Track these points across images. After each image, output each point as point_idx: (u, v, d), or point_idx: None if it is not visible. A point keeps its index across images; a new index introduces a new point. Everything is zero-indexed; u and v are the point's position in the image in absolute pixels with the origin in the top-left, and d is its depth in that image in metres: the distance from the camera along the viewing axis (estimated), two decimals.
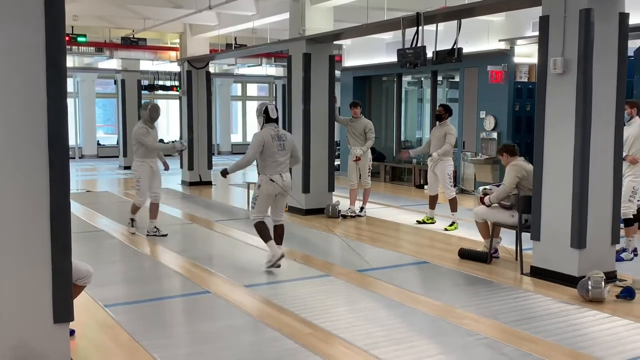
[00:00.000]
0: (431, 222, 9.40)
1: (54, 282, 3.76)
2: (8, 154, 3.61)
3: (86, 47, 15.57)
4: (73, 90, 21.95)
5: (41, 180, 3.68)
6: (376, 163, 13.83)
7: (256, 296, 5.79)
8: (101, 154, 22.68)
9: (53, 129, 3.68)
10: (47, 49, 3.62)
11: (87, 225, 9.46)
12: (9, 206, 3.63)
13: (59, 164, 3.72)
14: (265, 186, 6.53)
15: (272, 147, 6.47)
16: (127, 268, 7.24)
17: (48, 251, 3.73)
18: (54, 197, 3.71)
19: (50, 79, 3.64)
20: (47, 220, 3.71)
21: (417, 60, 8.00)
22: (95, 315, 5.24)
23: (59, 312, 3.80)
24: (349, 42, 15.81)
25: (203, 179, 14.58)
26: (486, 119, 12.24)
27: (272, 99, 25.37)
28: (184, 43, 15.02)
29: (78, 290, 4.47)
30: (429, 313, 5.31)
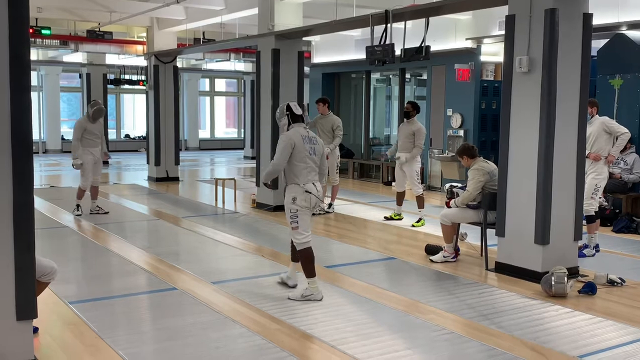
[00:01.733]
0: (398, 218, 9.47)
1: (16, 279, 3.71)
2: None
3: (50, 40, 15.27)
4: (37, 84, 21.55)
5: (4, 176, 3.62)
6: (345, 160, 13.90)
7: (224, 293, 5.78)
8: (65, 148, 22.28)
9: (16, 124, 3.62)
10: (10, 41, 3.56)
11: (51, 221, 9.30)
12: None
13: (23, 159, 3.66)
14: (301, 198, 5.39)
15: (303, 151, 5.41)
16: (92, 264, 7.14)
17: (11, 247, 3.67)
18: (17, 193, 3.65)
19: (14, 73, 3.58)
20: (9, 216, 3.65)
21: (385, 58, 8.05)
22: (59, 312, 5.17)
23: (22, 309, 3.75)
24: (318, 39, 15.82)
25: (170, 174, 14.45)
26: (453, 116, 12.37)
27: (241, 95, 25.25)
28: (151, 37, 14.85)
29: (42, 287, 4.41)
30: (396, 308, 5.36)
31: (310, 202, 5.43)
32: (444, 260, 6.90)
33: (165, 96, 14.30)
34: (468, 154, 6.93)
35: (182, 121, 21.71)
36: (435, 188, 12.75)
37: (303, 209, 5.41)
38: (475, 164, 6.85)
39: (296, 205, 5.39)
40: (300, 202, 5.39)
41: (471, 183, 6.73)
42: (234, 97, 27.00)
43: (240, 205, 11.05)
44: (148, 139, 14.82)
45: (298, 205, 5.39)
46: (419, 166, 9.29)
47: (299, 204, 5.39)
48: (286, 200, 5.46)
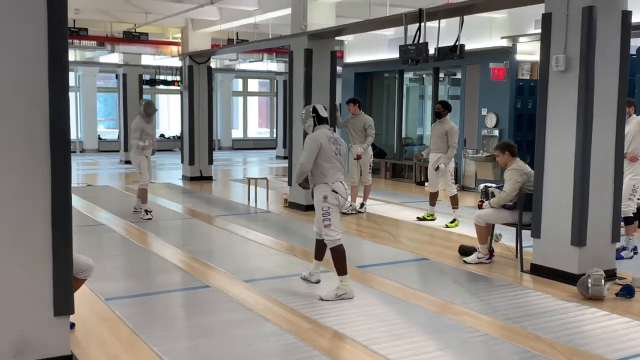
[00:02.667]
0: (431, 218, 9.41)
1: (54, 275, 3.78)
2: (10, 147, 3.62)
3: (88, 41, 15.56)
4: (74, 85, 21.95)
5: (43, 174, 3.70)
6: (377, 160, 13.84)
7: (256, 291, 5.81)
8: (102, 148, 22.70)
9: (55, 123, 3.69)
10: (49, 42, 3.63)
11: (88, 219, 9.48)
12: (10, 200, 3.64)
13: (61, 157, 3.73)
14: (332, 197, 5.51)
15: (329, 151, 5.52)
16: (127, 262, 7.26)
17: (49, 244, 3.75)
18: (56, 191, 3.73)
19: (52, 73, 3.66)
20: (48, 214, 3.72)
21: (419, 57, 7.99)
22: (95, 309, 5.26)
23: (60, 305, 3.82)
24: (350, 38, 15.79)
25: (204, 174, 14.59)
26: (488, 116, 12.23)
27: (274, 95, 25.36)
28: (185, 38, 15.01)
29: (78, 284, 4.49)
30: (428, 309, 5.33)
31: (339, 201, 5.56)
32: (478, 261, 6.83)
33: (200, 96, 14.44)
34: (510, 150, 6.83)
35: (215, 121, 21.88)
36: (469, 188, 12.63)
37: (334, 207, 5.53)
38: (513, 163, 6.76)
39: (327, 203, 5.51)
40: (331, 200, 5.52)
41: (509, 184, 6.64)
42: (267, 97, 27.12)
43: (272, 204, 11.10)
44: (182, 139, 14.99)
45: (329, 203, 5.51)
46: (452, 166, 9.21)
47: (330, 202, 5.51)
48: (316, 199, 5.58)
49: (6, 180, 3.62)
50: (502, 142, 7.04)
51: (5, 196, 3.62)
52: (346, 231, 8.76)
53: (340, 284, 5.56)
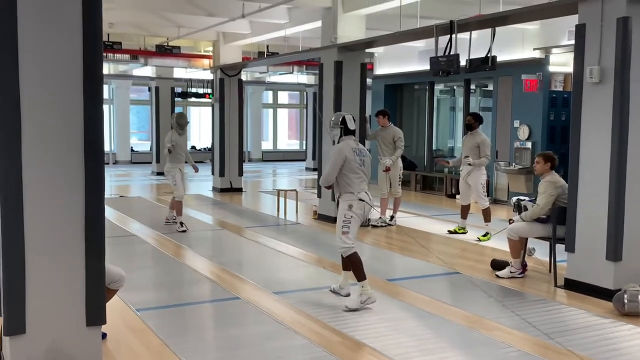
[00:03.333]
0: (463, 232, 9.31)
1: (87, 286, 3.82)
2: (45, 159, 3.68)
3: (121, 55, 15.84)
4: (108, 97, 22.33)
5: (77, 185, 3.76)
6: (407, 172, 13.77)
7: (285, 303, 5.81)
8: (135, 160, 23.00)
9: (89, 135, 3.75)
10: (84, 55, 3.70)
11: (120, 230, 9.60)
12: (45, 210, 3.70)
13: (94, 169, 3.79)
14: (357, 206, 5.65)
15: (354, 162, 5.65)
16: (158, 273, 7.32)
17: (82, 255, 3.79)
18: (89, 202, 3.78)
19: (87, 85, 3.72)
20: (81, 225, 3.77)
21: (450, 68, 7.93)
22: (126, 319, 5.31)
23: (92, 315, 3.86)
24: (380, 50, 15.79)
25: (234, 185, 14.69)
26: (520, 128, 12.10)
27: (303, 107, 25.46)
28: (217, 51, 15.19)
29: (110, 294, 4.54)
30: (459, 324, 5.26)
31: (364, 210, 5.72)
32: (511, 275, 6.73)
33: (230, 108, 14.57)
34: (552, 163, 6.69)
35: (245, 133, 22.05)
36: (501, 201, 12.47)
37: (356, 216, 5.67)
38: (548, 175, 6.66)
39: (352, 212, 5.65)
40: (355, 210, 5.66)
41: (543, 197, 6.54)
42: (297, 109, 27.24)
43: (301, 216, 11.11)
44: (213, 151, 15.13)
45: (354, 212, 5.66)
46: (484, 178, 9.11)
47: (354, 211, 5.66)
48: (341, 207, 5.72)
49: (41, 192, 3.68)
50: (547, 152, 6.93)
51: (39, 207, 3.68)
52: (376, 244, 8.73)
53: (362, 289, 5.61)
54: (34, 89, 3.61)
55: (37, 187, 3.67)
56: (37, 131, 3.65)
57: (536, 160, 6.85)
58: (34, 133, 3.64)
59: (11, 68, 3.55)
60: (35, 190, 3.66)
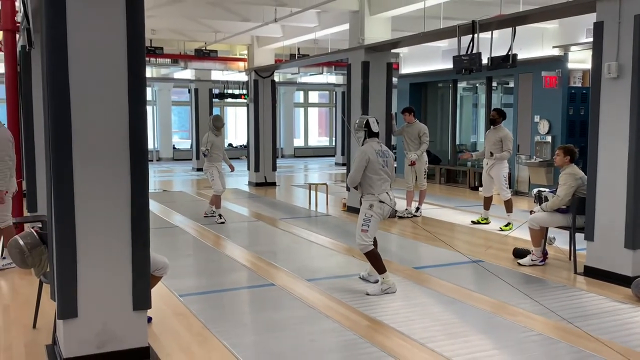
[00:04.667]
0: (486, 222, 9.20)
1: (134, 273, 3.88)
2: (94, 156, 3.74)
3: (163, 59, 16.01)
4: (151, 99, 22.60)
5: (123, 180, 3.81)
6: (432, 166, 13.65)
7: (317, 289, 5.82)
8: (176, 157, 23.26)
9: (134, 133, 3.80)
10: (128, 60, 3.74)
11: (164, 222, 9.72)
12: (94, 204, 3.76)
13: (139, 164, 3.84)
14: (377, 207, 5.64)
15: (377, 164, 5.62)
16: (199, 261, 7.40)
17: (129, 245, 3.85)
18: (135, 195, 3.83)
19: (132, 88, 3.76)
20: (128, 216, 3.83)
21: (472, 67, 7.85)
22: (170, 304, 5.38)
23: (138, 300, 3.92)
24: (406, 50, 15.68)
25: (268, 180, 14.75)
26: (540, 122, 11.92)
27: (332, 106, 25.42)
28: (251, 54, 15.25)
29: (155, 281, 4.60)
30: (483, 309, 5.21)
31: (384, 211, 5.69)
32: (532, 263, 6.64)
33: (264, 108, 14.63)
34: (572, 156, 6.56)
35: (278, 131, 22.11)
36: (522, 193, 12.30)
37: (377, 216, 5.66)
38: (568, 168, 6.54)
39: (372, 212, 5.65)
40: (376, 210, 5.65)
41: (563, 188, 6.42)
42: (326, 108, 27.21)
43: (331, 208, 11.11)
44: (248, 147, 15.21)
45: (374, 211, 5.65)
46: (506, 171, 8.99)
47: (375, 211, 5.65)
48: (363, 206, 5.73)
49: (90, 186, 3.74)
50: (567, 145, 6.81)
51: (89, 201, 3.75)
52: (402, 234, 8.69)
53: (383, 280, 5.70)
54: (83, 91, 3.67)
55: (87, 182, 3.73)
56: (86, 130, 3.71)
57: (556, 153, 6.73)
58: (84, 132, 3.70)
59: (62, 72, 3.61)
60: (85, 185, 3.73)
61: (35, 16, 5.95)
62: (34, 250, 4.41)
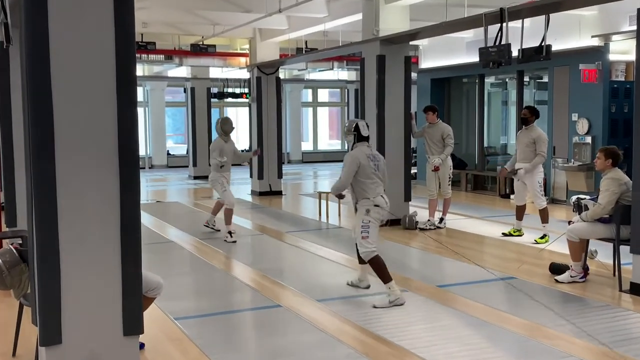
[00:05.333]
0: (518, 234, 9.16)
1: (124, 294, 3.88)
2: (79, 164, 3.76)
3: (155, 55, 16.12)
4: (143, 100, 22.75)
5: (112, 191, 3.82)
6: (457, 171, 13.62)
7: (329, 311, 5.81)
8: (171, 163, 23.38)
9: (123, 139, 3.81)
10: (117, 56, 3.76)
11: (157, 236, 9.76)
12: (80, 217, 3.78)
13: (129, 173, 3.84)
14: (374, 211, 6.05)
15: (368, 168, 6.04)
16: (197, 280, 7.41)
17: (118, 262, 3.85)
18: (125, 208, 3.84)
19: (121, 88, 3.78)
20: (117, 231, 3.84)
21: (501, 59, 7.83)
22: (164, 328, 5.39)
23: (129, 324, 3.91)
24: (426, 42, 15.68)
25: (273, 188, 14.78)
26: (579, 122, 11.87)
27: (344, 105, 25.47)
28: (253, 48, 15.32)
29: (148, 302, 4.61)
30: (517, 333, 5.18)
31: (381, 215, 6.14)
32: (571, 280, 6.59)
33: (268, 108, 14.68)
34: (614, 159, 6.51)
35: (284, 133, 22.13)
36: (559, 201, 12.24)
37: (374, 220, 6.06)
38: (610, 172, 6.49)
39: (369, 217, 6.05)
40: (373, 214, 6.06)
41: (605, 195, 6.38)
42: (337, 107, 27.26)
43: (344, 219, 11.10)
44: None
45: (371, 216, 6.05)
46: (541, 176, 8.95)
47: (372, 216, 6.05)
48: (359, 212, 6.13)
49: (75, 198, 3.76)
50: (610, 146, 6.77)
51: (74, 214, 3.76)
52: (424, 248, 8.66)
53: (389, 290, 5.95)
54: (66, 92, 3.69)
55: (71, 193, 3.75)
56: (70, 136, 3.72)
57: (597, 156, 6.70)
58: (67, 138, 3.71)
59: (43, 70, 3.64)
60: (69, 196, 3.74)
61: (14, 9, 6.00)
62: (13, 269, 4.43)
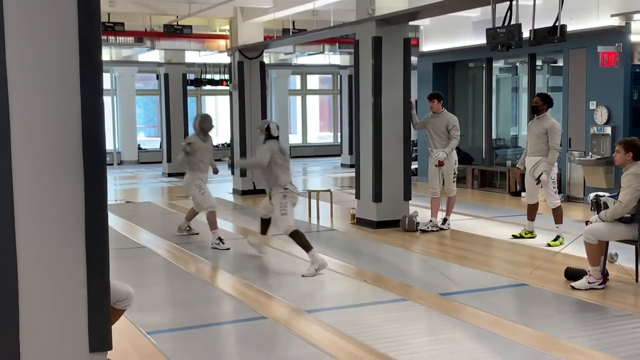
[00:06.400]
0: (530, 236, 9.20)
1: (89, 306, 3.87)
2: (37, 160, 3.74)
3: (124, 37, 16.04)
4: (110, 87, 22.67)
5: (75, 191, 3.80)
6: (462, 166, 13.67)
7: (321, 323, 5.82)
8: (142, 159, 23.33)
9: (88, 132, 3.79)
10: (80, 39, 3.74)
11: (127, 241, 9.74)
12: (38, 219, 3.76)
13: (95, 171, 3.82)
14: (289, 196, 7.70)
15: (279, 160, 7.72)
16: (172, 289, 7.40)
17: (83, 271, 3.84)
18: (90, 210, 3.82)
19: (84, 74, 3.76)
20: (81, 236, 3.81)
21: (510, 41, 7.87)
22: (136, 344, 5.38)
23: (95, 339, 3.90)
24: (427, 23, 15.72)
25: (257, 186, 14.76)
26: (597, 110, 11.93)
27: (337, 92, 25.48)
28: (234, 30, 15.28)
29: (117, 315, 4.59)
30: (528, 345, 5.21)
31: (294, 199, 7.77)
32: (589, 286, 6.63)
33: (251, 96, 14.67)
34: (635, 152, 6.52)
35: None
36: (576, 199, 12.31)
37: (290, 203, 7.66)
38: (632, 167, 6.52)
39: (286, 200, 7.63)
40: (288, 198, 7.66)
41: (627, 192, 6.41)
42: (329, 95, 27.29)
43: (337, 221, 11.12)
44: (232, 146, 15.24)
45: (288, 200, 7.64)
46: (555, 172, 8.99)
47: (288, 199, 7.63)
48: (275, 198, 7.70)
49: (34, 199, 3.74)
50: (631, 138, 6.78)
51: (33, 217, 3.74)
52: (426, 251, 8.69)
53: (312, 258, 7.45)
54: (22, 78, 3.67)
55: (29, 194, 3.72)
56: (28, 129, 3.70)
57: (616, 149, 6.73)
58: (24, 131, 3.69)
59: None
60: (27, 197, 3.72)
61: None
62: None
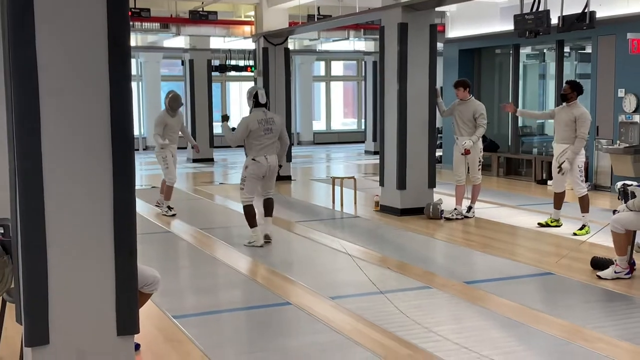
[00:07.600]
0: (556, 225, 9.14)
1: (117, 290, 3.91)
2: (67, 146, 3.77)
3: (150, 23, 16.11)
4: (136, 73, 22.76)
5: (103, 176, 3.83)
6: (487, 154, 13.59)
7: (344, 310, 5.83)
8: None
9: (117, 118, 3.81)
10: (109, 25, 3.76)
11: (154, 226, 9.82)
12: (67, 205, 3.80)
13: (123, 157, 3.85)
14: (251, 167, 8.06)
15: (258, 131, 7.95)
16: (198, 274, 7.46)
17: (111, 255, 3.88)
18: (118, 194, 3.85)
19: (113, 60, 3.78)
20: (110, 221, 3.85)
21: (539, 28, 7.81)
22: (162, 328, 5.44)
23: (123, 323, 3.94)
24: (454, 8, 15.59)
25: (281, 173, 14.62)
26: (626, 98, 11.80)
27: (361, 79, 25.40)
28: (259, 16, 15.26)
29: (144, 299, 4.65)
30: (554, 335, 5.19)
31: (260, 170, 8.03)
32: (616, 276, 6.59)
33: (276, 83, 14.66)
34: None
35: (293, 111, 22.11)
36: (603, 187, 12.20)
37: (250, 176, 8.08)
38: None
39: (246, 172, 8.12)
40: (249, 171, 8.08)
41: None
42: (353, 81, 27.19)
43: (361, 208, 11.12)
44: None
45: (248, 172, 8.10)
46: (582, 160, 8.90)
47: (249, 172, 8.09)
48: (242, 168, 8.27)
49: (62, 185, 3.77)
50: None
51: (62, 201, 3.78)
52: (450, 239, 8.67)
53: (253, 234, 8.26)
54: (53, 65, 3.70)
55: (60, 178, 3.76)
56: (57, 114, 3.73)
57: None
58: (54, 116, 3.72)
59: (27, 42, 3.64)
60: (57, 181, 3.76)
61: None
62: None
